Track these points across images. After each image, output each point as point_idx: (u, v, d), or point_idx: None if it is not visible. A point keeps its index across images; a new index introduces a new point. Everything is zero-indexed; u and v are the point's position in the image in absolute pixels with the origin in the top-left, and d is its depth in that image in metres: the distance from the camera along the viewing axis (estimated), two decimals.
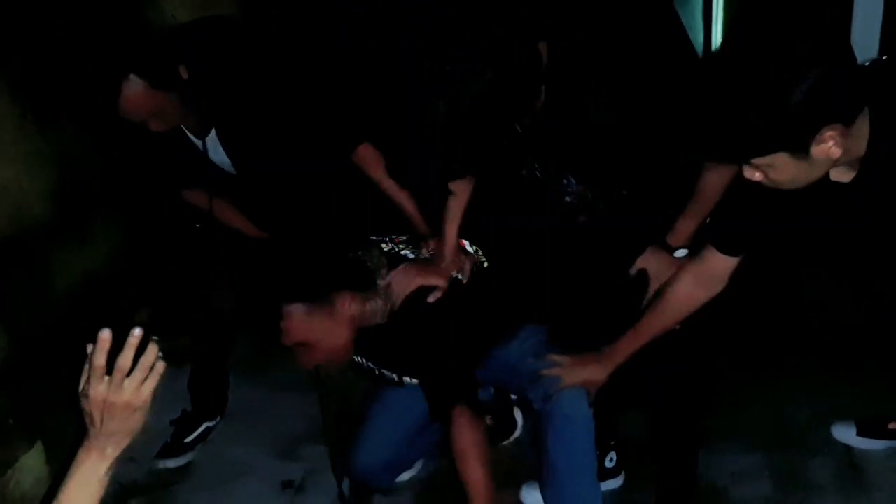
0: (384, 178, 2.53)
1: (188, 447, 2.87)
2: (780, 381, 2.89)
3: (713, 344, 2.35)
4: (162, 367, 1.35)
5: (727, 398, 2.78)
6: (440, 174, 2.34)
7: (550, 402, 2.15)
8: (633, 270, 2.26)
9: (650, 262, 2.24)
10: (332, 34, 3.14)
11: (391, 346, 2.24)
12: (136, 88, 2.11)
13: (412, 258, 2.34)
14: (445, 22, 1.95)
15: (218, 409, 2.97)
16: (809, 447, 2.63)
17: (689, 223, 2.19)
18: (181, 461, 2.86)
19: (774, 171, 1.53)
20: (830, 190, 1.64)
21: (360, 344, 2.24)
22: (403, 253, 2.35)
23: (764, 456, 2.62)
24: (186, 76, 2.23)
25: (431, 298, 2.22)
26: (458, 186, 2.34)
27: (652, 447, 2.46)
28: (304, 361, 2.19)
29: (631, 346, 2.14)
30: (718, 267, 1.99)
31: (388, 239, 2.40)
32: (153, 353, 1.34)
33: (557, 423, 2.15)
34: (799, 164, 1.49)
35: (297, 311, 2.11)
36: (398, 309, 2.21)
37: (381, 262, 2.28)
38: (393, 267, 2.27)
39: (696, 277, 2.03)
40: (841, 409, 2.69)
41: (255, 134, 2.40)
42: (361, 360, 2.37)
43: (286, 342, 2.14)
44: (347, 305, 2.14)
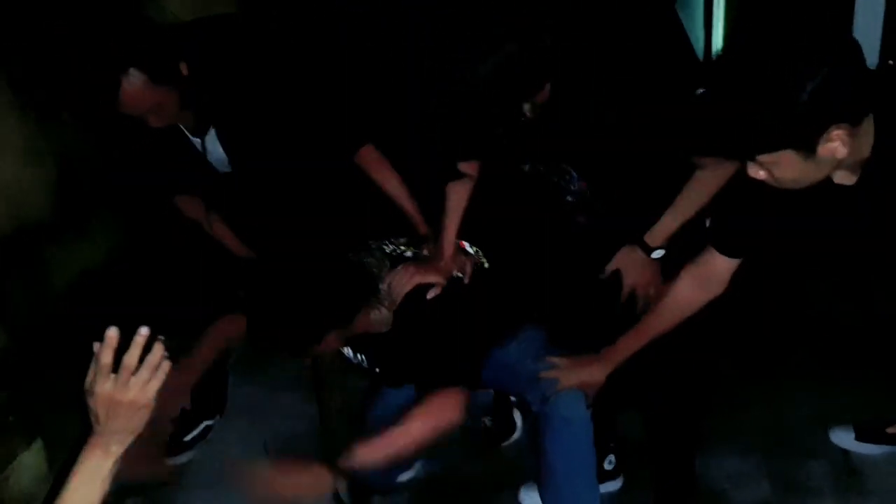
0: (387, 179, 2.53)
1: (187, 446, 2.87)
2: (779, 384, 2.89)
3: (711, 345, 2.35)
4: (167, 366, 1.36)
5: (726, 401, 2.78)
6: (440, 174, 2.34)
7: (548, 403, 2.15)
8: (607, 270, 2.26)
9: (624, 262, 2.24)
10: (331, 34, 3.15)
11: (393, 348, 2.24)
12: (136, 82, 2.08)
13: (411, 258, 2.35)
14: (445, 22, 1.94)
15: (217, 407, 2.97)
16: (808, 451, 2.64)
17: (670, 222, 2.17)
18: (180, 460, 2.86)
19: (779, 169, 1.53)
20: (833, 192, 1.64)
21: (362, 345, 2.25)
22: (407, 254, 2.35)
23: (762, 459, 2.63)
24: (187, 72, 2.22)
25: (430, 294, 2.21)
26: (457, 185, 2.34)
27: (650, 449, 2.46)
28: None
29: (630, 347, 2.14)
30: (719, 268, 1.99)
31: (388, 241, 2.39)
32: (159, 352, 1.35)
33: (555, 424, 2.15)
34: (805, 162, 1.49)
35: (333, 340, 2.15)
36: (397, 308, 2.21)
37: (383, 264, 2.28)
38: (394, 268, 2.27)
39: (696, 279, 2.03)
40: (840, 412, 2.70)
41: (255, 133, 2.39)
42: (361, 357, 2.37)
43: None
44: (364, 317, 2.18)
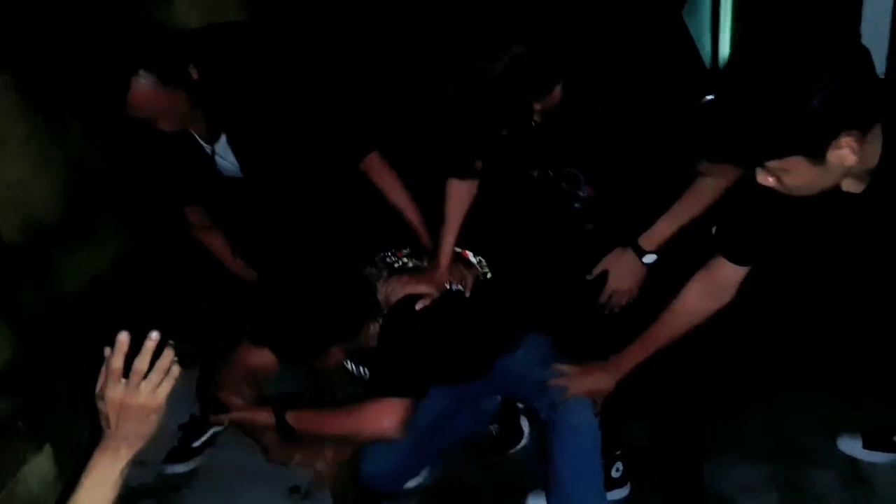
0: (391, 188, 2.52)
1: (196, 452, 2.86)
2: (786, 391, 2.89)
3: (717, 353, 2.35)
4: (177, 370, 1.37)
5: (733, 409, 2.78)
6: (439, 174, 2.33)
7: (557, 411, 2.16)
8: (595, 271, 2.26)
9: (613, 263, 2.24)
10: (332, 34, 3.15)
11: (380, 356, 2.24)
12: (145, 84, 2.08)
13: (410, 269, 2.34)
14: (445, 22, 1.94)
15: (227, 413, 2.96)
16: (815, 459, 2.64)
17: (665, 227, 2.16)
18: (189, 466, 2.85)
19: (789, 175, 1.53)
20: (841, 200, 1.64)
21: (362, 358, 2.27)
22: (408, 265, 2.36)
23: (770, 468, 2.63)
24: (196, 76, 2.22)
25: (419, 306, 2.20)
26: (457, 189, 2.33)
27: (657, 457, 2.46)
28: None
29: (637, 355, 2.14)
30: (727, 276, 2.00)
31: (390, 253, 2.39)
32: (169, 356, 1.36)
33: (563, 432, 2.15)
34: (814, 169, 1.50)
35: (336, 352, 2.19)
36: (385, 317, 2.21)
37: (381, 275, 2.29)
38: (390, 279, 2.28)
39: (704, 287, 2.03)
40: (847, 421, 2.69)
41: (264, 138, 2.40)
42: (363, 371, 2.38)
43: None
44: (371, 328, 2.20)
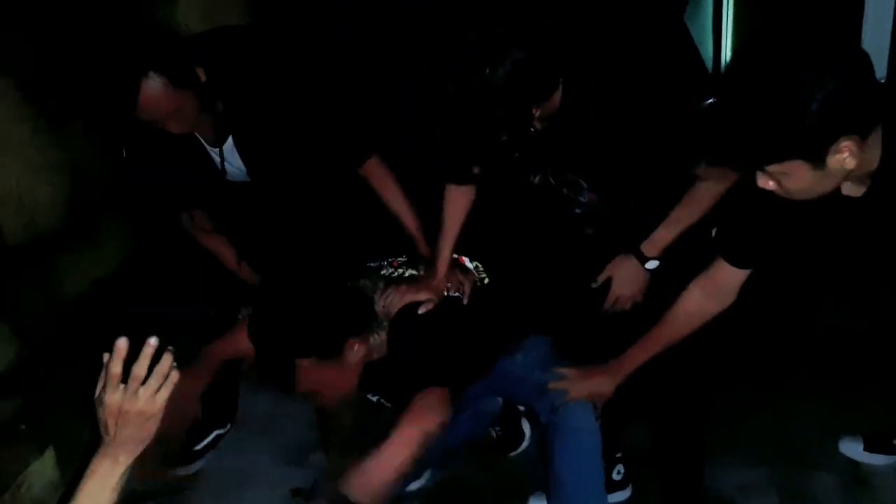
0: (390, 194, 2.52)
1: (198, 455, 2.88)
2: (787, 394, 2.88)
3: (716, 355, 2.35)
4: (176, 375, 1.37)
5: (734, 412, 2.78)
6: (439, 176, 2.33)
7: (557, 414, 2.16)
8: (600, 279, 2.26)
9: (616, 270, 2.24)
10: (332, 35, 3.15)
11: (390, 370, 2.22)
12: (155, 86, 2.08)
13: (406, 279, 2.34)
14: (445, 22, 1.94)
15: (228, 416, 2.97)
16: (816, 462, 2.63)
17: (667, 232, 2.17)
18: (191, 469, 2.87)
19: (789, 179, 1.53)
20: (841, 204, 1.64)
21: (367, 380, 2.22)
22: (405, 275, 2.35)
23: (771, 470, 2.62)
24: (204, 78, 2.23)
25: (421, 310, 2.20)
26: (455, 195, 2.33)
27: (658, 460, 2.47)
28: (314, 402, 2.20)
29: (638, 358, 2.14)
30: (728, 279, 2.00)
31: (386, 262, 2.39)
32: (168, 361, 1.36)
33: (564, 435, 2.15)
34: (814, 173, 1.50)
35: (309, 365, 2.10)
36: (389, 326, 2.21)
37: (377, 286, 2.28)
38: (387, 289, 2.27)
39: (705, 289, 2.04)
40: (849, 423, 2.69)
41: (271, 141, 2.40)
42: (376, 398, 2.39)
43: (297, 390, 2.14)
44: (356, 351, 2.14)
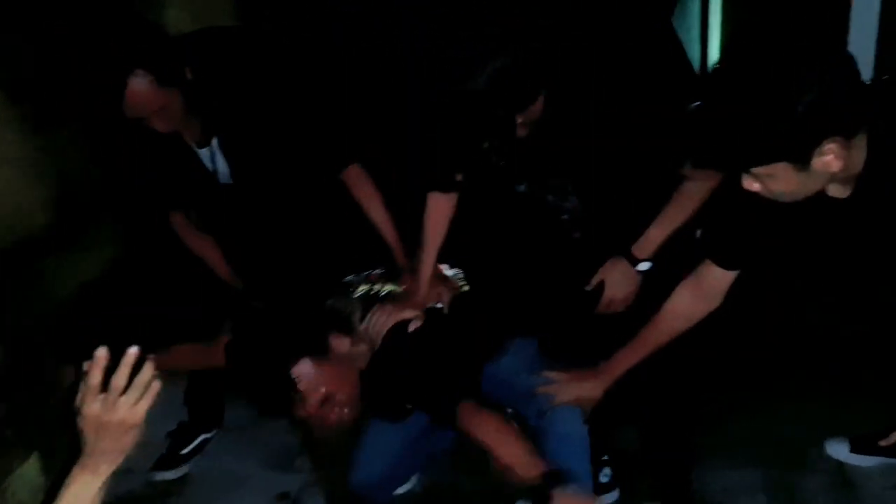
0: (370, 202, 2.50)
1: (184, 459, 2.87)
2: (774, 397, 2.89)
3: (704, 357, 2.35)
4: (157, 385, 1.35)
5: (722, 414, 2.79)
6: (422, 185, 2.31)
7: (545, 418, 2.14)
8: (593, 282, 2.25)
9: (608, 273, 2.23)
10: (325, 35, 3.14)
11: (380, 386, 2.20)
12: (142, 83, 2.08)
13: (386, 297, 2.31)
14: (439, 22, 1.93)
15: (215, 420, 2.97)
16: (804, 463, 2.64)
17: (657, 233, 2.16)
18: (177, 473, 2.86)
19: (774, 181, 1.53)
20: (826, 206, 1.65)
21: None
22: (382, 294, 2.32)
23: (758, 472, 2.63)
24: (191, 77, 2.22)
25: (411, 328, 2.18)
26: (438, 203, 2.31)
27: (646, 462, 2.47)
28: (326, 422, 2.10)
29: (627, 361, 2.13)
30: (716, 280, 1.99)
31: (363, 277, 2.35)
32: (149, 371, 1.34)
33: (552, 440, 2.13)
34: (799, 175, 1.50)
35: (305, 368, 2.04)
36: (379, 348, 2.18)
37: (353, 305, 2.24)
38: (369, 310, 2.23)
39: (692, 292, 2.03)
40: (835, 425, 2.70)
41: (256, 142, 2.39)
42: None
43: (309, 410, 2.06)
44: (340, 342, 2.11)
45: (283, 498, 2.73)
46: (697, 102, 1.58)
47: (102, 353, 1.30)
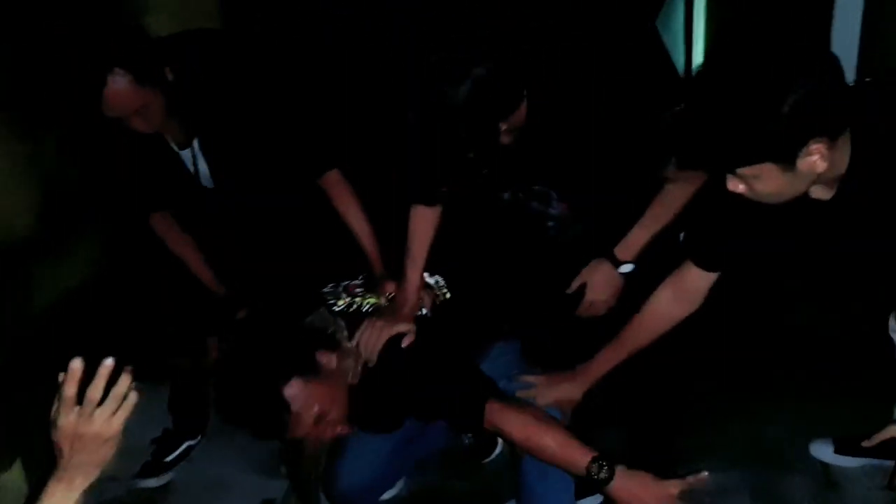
0: (349, 210, 2.48)
1: (169, 466, 2.86)
2: (759, 399, 2.90)
3: (689, 357, 2.35)
4: (135, 397, 1.32)
5: (707, 415, 2.78)
6: (407, 197, 2.29)
7: None
8: (574, 285, 2.24)
9: (590, 276, 2.22)
10: (316, 37, 3.14)
11: (378, 405, 2.17)
12: (121, 82, 2.07)
13: (371, 311, 2.26)
14: (430, 24, 1.92)
15: (199, 427, 2.95)
16: (789, 464, 2.65)
17: (640, 235, 2.15)
18: (162, 480, 2.84)
19: (759, 182, 1.53)
20: (810, 207, 1.65)
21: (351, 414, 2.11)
22: (364, 308, 2.26)
23: (743, 473, 2.63)
24: (171, 77, 2.21)
25: (405, 343, 2.14)
26: (422, 216, 2.28)
27: (630, 463, 2.46)
28: (314, 442, 2.08)
29: (607, 363, 2.13)
30: (696, 282, 1.99)
31: (342, 289, 2.30)
32: (125, 383, 1.31)
33: None
34: (784, 175, 1.50)
35: (297, 389, 1.96)
36: (375, 366, 2.13)
37: (336, 323, 2.17)
38: (353, 325, 2.17)
39: (673, 293, 2.03)
40: (819, 426, 2.71)
41: (236, 145, 2.38)
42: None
43: (299, 432, 2.00)
44: (329, 360, 2.04)
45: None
46: (682, 105, 1.58)
47: (77, 364, 1.28)
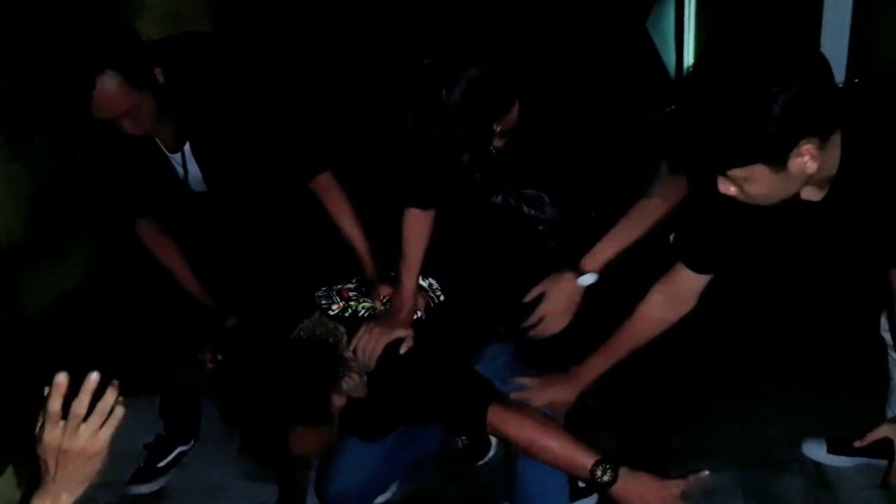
0: (341, 213, 2.47)
1: (161, 472, 2.85)
2: (752, 399, 2.90)
3: (682, 360, 2.36)
4: (121, 411, 1.30)
5: (701, 415, 2.79)
6: (401, 201, 2.28)
7: None
8: (532, 293, 2.20)
9: (549, 286, 2.18)
10: (310, 36, 3.14)
11: (374, 411, 2.15)
12: (111, 84, 2.06)
13: (368, 316, 2.25)
14: (424, 23, 1.92)
15: (191, 432, 2.94)
16: (782, 464, 2.66)
17: (609, 247, 2.10)
18: (154, 486, 2.84)
19: (751, 184, 1.53)
20: (800, 209, 1.65)
21: (346, 423, 2.12)
22: (360, 312, 2.25)
23: (737, 473, 2.64)
24: (162, 79, 2.20)
25: (404, 349, 2.13)
26: (417, 221, 2.27)
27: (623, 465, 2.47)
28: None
29: (600, 366, 2.13)
30: (688, 285, 1.99)
31: (335, 293, 2.29)
32: (112, 397, 1.29)
33: None
34: (775, 177, 1.50)
35: (302, 438, 1.98)
36: (374, 373, 2.12)
37: (336, 330, 2.15)
38: (352, 330, 2.15)
39: (665, 296, 2.02)
40: (812, 426, 2.72)
41: (229, 148, 2.38)
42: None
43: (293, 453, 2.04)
44: (336, 403, 2.03)
45: None
46: (672, 106, 1.58)
47: (62, 378, 1.26)
